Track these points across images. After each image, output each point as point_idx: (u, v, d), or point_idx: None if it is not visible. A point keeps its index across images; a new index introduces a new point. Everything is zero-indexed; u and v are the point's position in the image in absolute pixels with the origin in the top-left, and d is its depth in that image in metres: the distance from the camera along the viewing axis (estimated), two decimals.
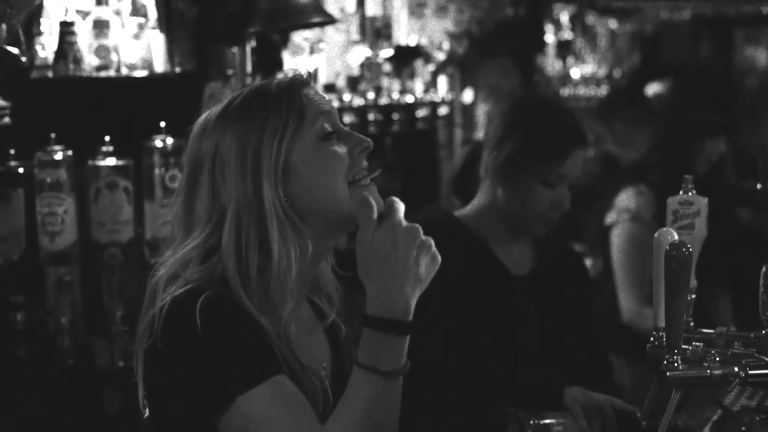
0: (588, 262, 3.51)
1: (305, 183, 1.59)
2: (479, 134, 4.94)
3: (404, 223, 1.52)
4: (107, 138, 2.76)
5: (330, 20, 3.11)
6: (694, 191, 2.02)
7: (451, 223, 2.47)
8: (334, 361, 1.72)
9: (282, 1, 2.92)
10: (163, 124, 2.77)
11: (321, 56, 3.44)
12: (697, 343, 1.88)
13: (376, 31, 3.75)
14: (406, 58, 4.01)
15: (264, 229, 1.57)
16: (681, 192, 2.02)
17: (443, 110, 4.38)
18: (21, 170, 2.69)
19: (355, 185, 1.61)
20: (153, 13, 2.87)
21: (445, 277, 2.29)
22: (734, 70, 7.73)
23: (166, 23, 2.85)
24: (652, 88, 5.52)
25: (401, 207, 1.53)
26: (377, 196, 1.61)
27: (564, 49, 5.57)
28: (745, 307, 3.94)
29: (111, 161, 2.76)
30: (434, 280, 2.26)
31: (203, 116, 1.65)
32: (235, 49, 2.96)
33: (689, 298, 1.91)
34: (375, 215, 1.53)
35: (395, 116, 3.93)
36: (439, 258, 1.55)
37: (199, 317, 1.49)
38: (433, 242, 1.54)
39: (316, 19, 3.03)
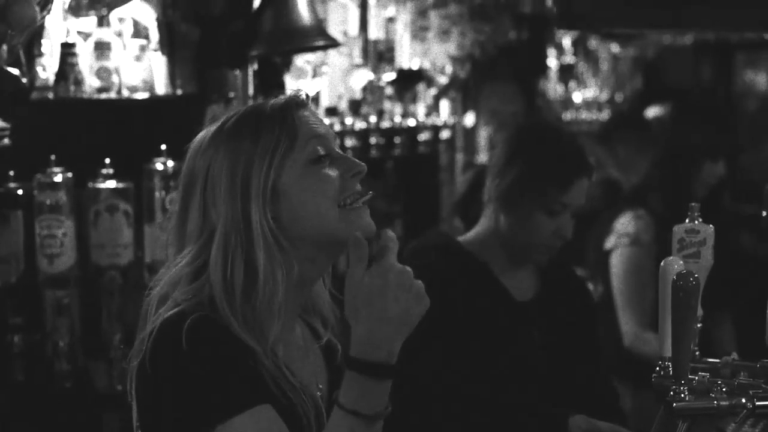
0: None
1: (293, 206, 1.59)
2: (480, 158, 4.93)
3: (397, 266, 1.50)
4: (107, 160, 2.74)
5: (333, 44, 3.10)
6: (700, 219, 2.00)
7: (454, 248, 2.45)
8: (331, 383, 1.71)
9: (285, 24, 2.91)
10: (164, 146, 2.75)
11: (323, 79, 3.43)
12: (704, 373, 1.86)
13: (378, 54, 3.75)
14: (408, 82, 4.01)
15: (251, 249, 1.56)
16: (687, 220, 2.00)
17: (445, 134, 4.37)
18: (20, 192, 2.66)
19: (346, 209, 1.60)
20: (155, 35, 2.85)
21: (447, 302, 2.30)
22: (734, 93, 7.76)
23: (168, 45, 2.84)
24: (652, 112, 5.52)
25: (395, 247, 1.52)
26: (368, 219, 1.62)
27: (566, 73, 5.57)
28: (746, 333, 3.92)
29: (111, 184, 2.74)
30: (437, 305, 2.26)
31: (200, 135, 1.65)
32: (237, 72, 2.95)
33: (695, 327, 1.88)
34: (366, 255, 1.51)
35: (397, 140, 3.92)
36: (428, 302, 1.52)
37: (185, 341, 1.49)
38: (423, 287, 1.52)
39: (320, 43, 3.02)
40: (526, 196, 2.38)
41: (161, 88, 2.85)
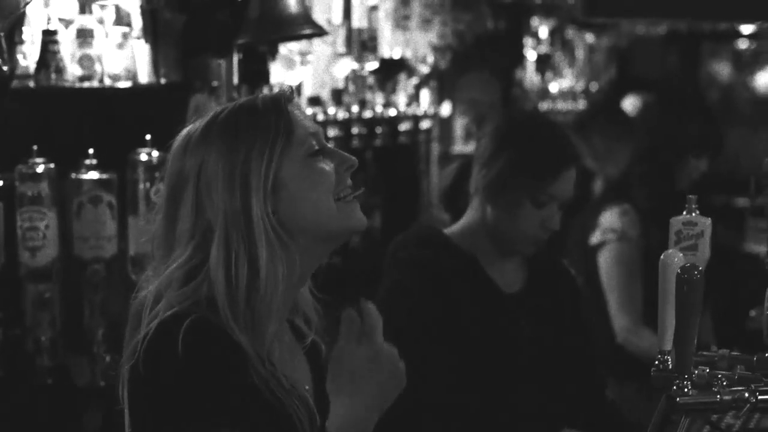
0: None
1: (294, 199, 1.58)
2: (457, 148, 4.92)
3: (385, 349, 1.56)
4: (90, 151, 2.68)
5: (320, 32, 3.06)
6: (697, 211, 1.99)
7: (440, 241, 2.43)
8: (315, 382, 1.69)
9: (273, 13, 2.87)
10: (148, 137, 2.70)
11: (308, 69, 3.39)
12: (703, 367, 1.85)
13: (361, 43, 3.71)
14: (390, 71, 3.98)
15: (253, 245, 1.55)
16: (684, 212, 1.99)
17: (426, 124, 4.35)
18: (1, 183, 2.60)
19: (341, 202, 1.61)
20: (137, 23, 2.80)
21: (435, 296, 2.28)
22: (699, 84, 7.83)
23: (151, 33, 2.78)
24: (629, 102, 5.53)
25: (380, 323, 1.56)
26: (361, 214, 1.64)
27: (543, 63, 5.57)
28: (723, 324, 3.94)
29: (94, 175, 2.68)
30: (425, 299, 2.25)
31: (184, 132, 1.62)
32: (221, 61, 2.90)
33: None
34: (357, 333, 1.55)
35: (378, 130, 3.89)
36: (405, 383, 1.58)
37: (181, 345, 1.47)
38: (404, 368, 1.57)
39: (307, 31, 2.98)
40: (514, 186, 2.36)
41: (144, 76, 2.80)
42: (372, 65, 3.78)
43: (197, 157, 1.57)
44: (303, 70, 3.31)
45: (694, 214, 1.99)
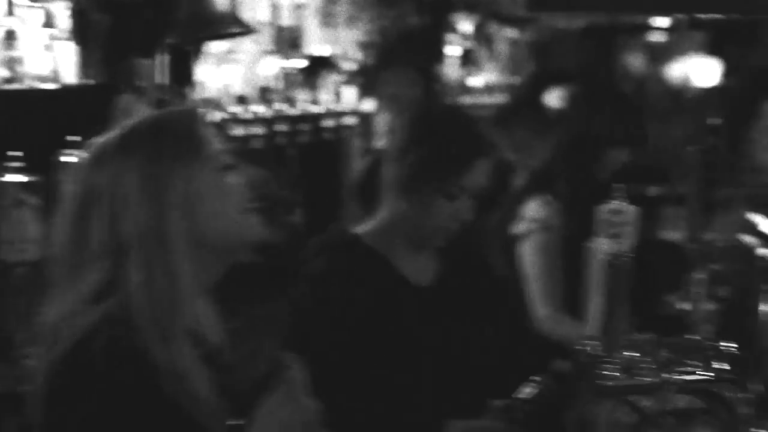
0: None
1: (209, 212, 1.59)
2: (379, 143, 4.94)
3: (311, 402, 1.60)
4: (15, 153, 2.64)
5: (248, 30, 3.06)
6: (623, 200, 2.05)
7: (352, 243, 2.39)
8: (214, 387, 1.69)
9: (200, 12, 2.86)
10: (73, 138, 2.67)
11: (236, 67, 3.39)
12: (628, 351, 1.92)
13: (288, 41, 3.71)
14: (317, 68, 3.98)
15: (172, 262, 1.55)
16: (611, 201, 2.05)
17: (349, 120, 4.36)
18: None
19: (245, 215, 1.64)
20: (64, 24, 2.77)
21: (351, 301, 2.28)
22: (614, 76, 7.97)
23: (78, 34, 2.75)
24: (555, 95, 5.59)
25: (301, 377, 1.59)
26: (261, 226, 1.66)
27: (465, 58, 5.62)
28: (637, 310, 4.02)
29: (18, 177, 2.64)
30: (341, 305, 2.26)
31: (92, 147, 1.60)
32: (146, 61, 2.88)
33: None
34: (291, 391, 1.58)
35: (303, 127, 3.90)
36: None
37: (95, 366, 1.46)
38: (321, 419, 1.62)
39: (235, 30, 2.98)
40: (425, 181, 2.35)
41: (70, 77, 2.77)
42: (299, 62, 3.79)
43: (109, 172, 1.55)
44: (230, 69, 3.31)
45: (620, 203, 2.05)
